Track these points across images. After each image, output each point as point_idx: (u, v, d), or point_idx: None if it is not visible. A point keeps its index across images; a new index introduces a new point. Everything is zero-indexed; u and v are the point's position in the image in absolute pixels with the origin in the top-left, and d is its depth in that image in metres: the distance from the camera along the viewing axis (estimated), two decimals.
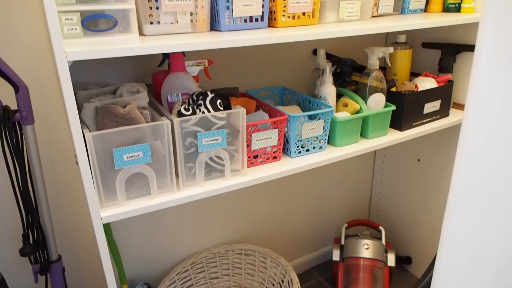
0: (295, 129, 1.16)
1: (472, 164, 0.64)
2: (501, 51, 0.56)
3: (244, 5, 1.08)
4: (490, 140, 0.61)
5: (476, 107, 0.61)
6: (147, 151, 0.94)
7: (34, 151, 1.09)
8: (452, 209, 0.69)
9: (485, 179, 0.64)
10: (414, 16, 1.44)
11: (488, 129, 0.61)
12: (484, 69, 0.59)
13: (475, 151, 0.63)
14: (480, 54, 0.58)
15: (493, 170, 0.62)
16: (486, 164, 0.63)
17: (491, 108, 0.59)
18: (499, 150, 0.60)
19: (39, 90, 1.22)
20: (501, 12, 0.55)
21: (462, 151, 0.65)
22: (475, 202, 0.66)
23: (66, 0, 0.89)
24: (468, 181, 0.66)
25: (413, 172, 1.89)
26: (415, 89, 1.42)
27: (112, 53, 0.82)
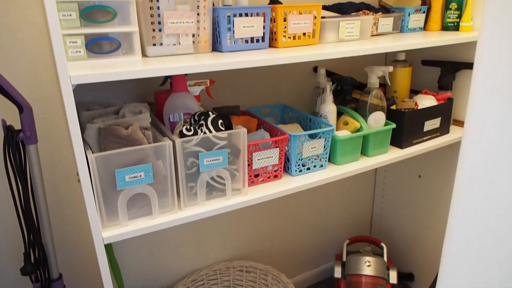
0: (296, 148, 1.17)
1: (472, 182, 0.65)
2: (499, 69, 0.57)
3: (246, 27, 1.10)
4: (490, 157, 0.62)
5: (475, 126, 0.62)
6: (149, 171, 0.95)
7: (37, 170, 1.10)
8: (453, 227, 0.69)
9: (485, 197, 0.64)
10: (413, 34, 1.46)
11: (487, 147, 0.61)
12: (483, 87, 0.59)
13: (475, 169, 0.64)
14: (478, 72, 0.59)
15: (493, 187, 0.63)
16: (486, 182, 0.63)
17: (490, 126, 0.60)
18: (498, 167, 0.61)
19: (42, 109, 1.23)
20: (498, 32, 0.55)
21: (462, 170, 0.66)
22: (476, 220, 0.66)
23: (71, 24, 0.91)
24: (468, 199, 0.66)
25: (415, 188, 1.89)
26: (415, 107, 1.43)
27: (115, 77, 0.83)
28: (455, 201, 0.69)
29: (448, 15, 1.52)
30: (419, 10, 1.52)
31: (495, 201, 0.63)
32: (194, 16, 1.04)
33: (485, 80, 0.59)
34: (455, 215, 0.69)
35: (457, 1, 1.49)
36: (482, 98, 0.60)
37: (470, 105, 0.62)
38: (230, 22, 1.08)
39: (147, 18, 0.99)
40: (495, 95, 0.59)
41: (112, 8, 0.93)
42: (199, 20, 1.05)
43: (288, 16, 1.14)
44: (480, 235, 0.66)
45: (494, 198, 0.63)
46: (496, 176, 0.62)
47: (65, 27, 0.91)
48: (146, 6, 0.98)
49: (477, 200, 0.65)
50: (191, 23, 1.04)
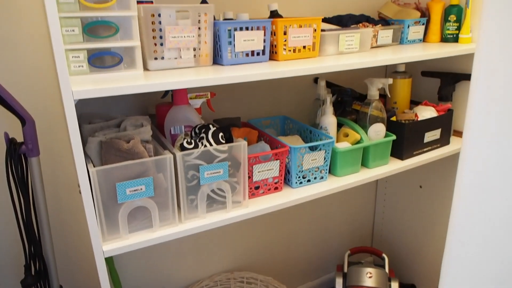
0: (296, 160, 1.18)
1: (471, 194, 0.65)
2: (496, 81, 0.57)
3: (246, 40, 1.11)
4: (488, 168, 0.62)
5: (473, 137, 0.62)
6: (150, 184, 0.95)
7: (39, 183, 1.11)
8: (452, 239, 0.69)
9: (484, 207, 0.64)
10: (413, 46, 1.47)
11: (486, 158, 0.62)
12: (480, 99, 0.60)
13: (474, 181, 0.64)
14: (476, 84, 0.59)
15: (492, 198, 0.63)
16: (485, 193, 0.64)
17: (488, 137, 0.61)
18: (497, 178, 0.61)
19: (45, 121, 1.24)
20: (495, 43, 0.56)
21: (460, 182, 0.66)
22: (475, 231, 0.66)
23: (74, 39, 0.92)
24: (467, 210, 0.66)
25: (416, 199, 1.89)
26: (415, 118, 1.43)
27: (117, 91, 0.84)
28: (454, 212, 0.69)
29: (447, 27, 1.53)
30: (418, 22, 1.54)
31: (494, 211, 0.63)
32: (195, 30, 1.05)
33: (482, 91, 0.60)
34: (454, 227, 0.69)
35: (456, 13, 1.50)
36: (480, 110, 0.61)
37: (468, 117, 0.63)
38: (231, 36, 1.09)
39: (149, 32, 1.00)
40: (493, 107, 0.59)
41: (114, 23, 0.95)
42: (200, 34, 1.06)
43: (288, 30, 1.15)
44: (479, 245, 0.67)
45: (493, 208, 0.63)
46: (494, 187, 0.62)
47: (68, 42, 0.92)
48: (148, 21, 1.00)
49: (476, 211, 0.66)
50: (192, 37, 1.05)
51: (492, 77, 0.58)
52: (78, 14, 0.91)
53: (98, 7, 0.92)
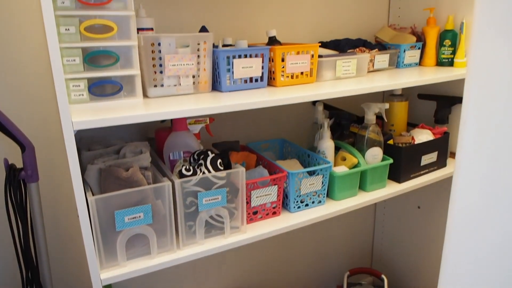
0: (294, 185, 1.18)
1: (465, 217, 0.66)
2: (487, 105, 0.58)
3: (245, 67, 1.13)
4: (481, 192, 0.63)
5: (466, 161, 0.63)
6: (148, 212, 0.96)
7: (37, 208, 1.11)
8: (447, 261, 0.70)
9: (478, 229, 0.65)
10: (409, 70, 1.49)
11: (479, 181, 0.63)
12: (472, 123, 0.61)
13: (467, 206, 0.65)
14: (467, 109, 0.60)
15: (485, 221, 0.64)
16: (478, 216, 0.64)
17: (481, 160, 0.61)
18: (490, 202, 0.62)
19: (45, 147, 1.25)
20: (485, 68, 0.57)
21: (454, 207, 0.67)
22: (469, 255, 0.67)
23: (75, 68, 0.94)
24: (461, 233, 0.67)
25: (414, 219, 1.89)
26: (412, 141, 1.44)
27: (117, 122, 0.85)
28: (449, 236, 0.70)
29: (442, 51, 1.56)
30: (414, 47, 1.56)
31: (488, 232, 0.64)
32: (194, 58, 1.07)
33: (474, 116, 0.61)
34: (448, 252, 0.70)
35: (451, 38, 1.53)
36: (472, 132, 0.62)
37: (460, 142, 0.64)
38: (230, 63, 1.10)
39: (148, 61, 1.02)
40: (485, 130, 0.60)
41: (115, 53, 0.96)
42: (199, 62, 1.08)
43: (286, 56, 1.17)
44: (474, 267, 0.67)
45: (487, 230, 0.64)
46: (487, 209, 0.63)
47: (69, 71, 0.93)
48: (148, 50, 1.01)
49: (469, 233, 0.66)
50: (191, 65, 1.07)
51: (482, 101, 0.58)
52: (79, 44, 0.92)
53: (99, 37, 0.94)
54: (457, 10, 1.55)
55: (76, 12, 0.90)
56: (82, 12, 0.91)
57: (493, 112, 0.58)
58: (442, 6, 1.59)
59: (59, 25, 0.89)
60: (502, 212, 0.61)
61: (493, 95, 0.57)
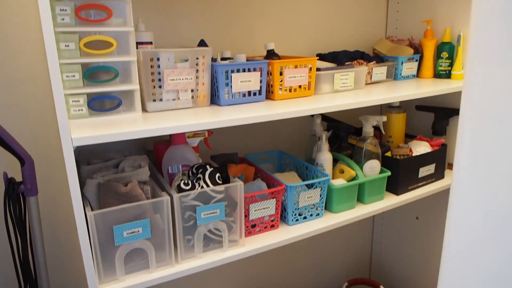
0: (293, 198, 1.19)
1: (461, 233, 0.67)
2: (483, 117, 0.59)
3: (243, 81, 1.14)
4: (479, 200, 0.63)
5: (463, 173, 0.64)
6: (147, 226, 0.96)
7: (36, 222, 1.11)
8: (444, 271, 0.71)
9: (475, 242, 0.66)
10: (407, 82, 1.51)
11: (477, 192, 0.63)
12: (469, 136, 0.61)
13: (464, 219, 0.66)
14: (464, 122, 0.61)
15: (483, 234, 0.64)
16: (475, 228, 0.65)
17: (478, 173, 0.62)
18: (488, 213, 0.63)
19: (44, 160, 1.25)
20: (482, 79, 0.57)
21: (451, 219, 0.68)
22: (468, 265, 0.67)
23: (74, 84, 0.95)
24: (460, 246, 0.68)
25: (413, 230, 1.89)
26: (409, 153, 1.45)
27: (116, 138, 0.85)
28: (447, 247, 0.70)
29: (440, 64, 1.57)
30: (411, 59, 1.58)
31: (486, 244, 0.65)
32: (193, 72, 1.08)
33: (470, 128, 0.62)
34: (447, 263, 0.71)
35: (448, 51, 1.54)
36: (469, 144, 0.63)
37: (458, 154, 0.64)
38: (228, 78, 1.11)
39: (148, 75, 1.03)
40: (482, 141, 0.61)
41: (114, 68, 0.97)
42: (198, 76, 1.09)
43: (284, 70, 1.18)
44: (473, 278, 0.67)
45: (485, 241, 0.65)
46: (486, 222, 0.64)
47: (68, 87, 0.94)
48: (147, 65, 1.02)
49: (468, 245, 0.67)
50: (190, 79, 1.08)
51: (479, 114, 0.59)
52: (79, 60, 0.93)
53: (98, 53, 0.95)
54: (454, 23, 1.56)
55: (76, 28, 0.91)
56: (82, 28, 0.92)
57: (490, 125, 0.58)
58: (439, 18, 1.61)
59: (59, 42, 0.90)
60: (500, 223, 0.62)
61: (489, 108, 0.57)
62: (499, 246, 0.62)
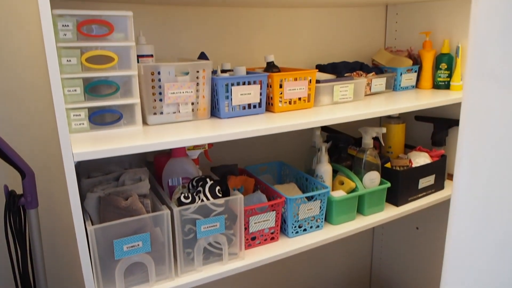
0: (292, 210, 1.19)
1: (461, 245, 0.67)
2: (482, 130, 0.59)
3: (243, 94, 1.14)
4: (478, 216, 0.64)
5: (464, 184, 0.64)
6: (147, 240, 0.96)
7: (36, 234, 1.11)
8: None
9: (475, 253, 0.66)
10: (406, 93, 1.51)
11: (477, 202, 0.63)
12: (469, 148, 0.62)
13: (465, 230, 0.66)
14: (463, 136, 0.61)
15: (482, 247, 0.65)
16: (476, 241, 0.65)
17: (478, 183, 0.62)
18: (489, 223, 0.63)
19: (44, 173, 1.26)
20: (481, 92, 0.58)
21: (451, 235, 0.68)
22: (469, 276, 0.67)
23: (76, 98, 0.95)
24: (461, 256, 0.68)
25: (413, 240, 1.89)
26: (409, 165, 1.46)
27: (117, 152, 0.86)
28: (447, 258, 0.71)
29: (438, 74, 1.58)
30: (410, 70, 1.58)
31: (486, 254, 0.65)
32: (193, 86, 1.08)
33: (470, 140, 0.62)
34: (448, 273, 0.71)
35: (447, 62, 1.55)
36: (470, 156, 0.63)
37: (458, 166, 0.65)
38: (228, 91, 1.12)
39: (148, 89, 1.04)
40: (482, 153, 0.61)
41: (115, 82, 0.98)
42: (198, 89, 1.10)
43: (284, 83, 1.19)
44: None
45: (486, 251, 0.65)
46: (487, 233, 0.64)
47: (70, 101, 0.94)
48: (148, 79, 1.03)
49: (468, 255, 0.67)
50: (190, 92, 1.08)
51: (478, 127, 0.59)
52: (81, 75, 0.94)
53: (100, 67, 0.95)
54: (452, 34, 1.57)
55: (78, 43, 0.92)
56: (83, 43, 0.93)
57: (490, 136, 0.58)
58: (438, 30, 1.62)
59: (61, 57, 0.91)
60: (501, 233, 0.62)
61: (488, 119, 0.58)
62: (501, 256, 0.63)
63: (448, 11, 1.57)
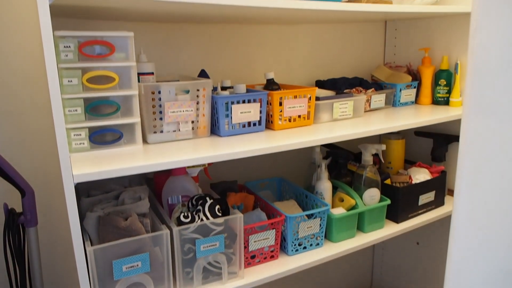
0: (292, 228, 1.19)
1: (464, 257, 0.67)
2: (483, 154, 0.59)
3: (243, 112, 1.15)
4: (481, 226, 0.64)
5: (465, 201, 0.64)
6: (146, 260, 0.96)
7: (35, 253, 1.11)
8: None
9: (478, 269, 0.65)
10: (405, 109, 1.52)
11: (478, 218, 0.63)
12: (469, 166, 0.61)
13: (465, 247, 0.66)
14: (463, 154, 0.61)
15: (485, 258, 0.64)
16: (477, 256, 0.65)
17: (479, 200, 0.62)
18: (490, 239, 0.63)
19: (44, 191, 1.26)
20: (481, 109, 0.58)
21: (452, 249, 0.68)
22: None
23: (76, 118, 0.96)
24: (462, 272, 0.68)
25: (413, 255, 1.88)
26: (409, 181, 1.45)
27: (117, 173, 0.86)
28: (449, 273, 0.70)
29: (438, 91, 1.59)
30: (410, 86, 1.59)
31: (488, 269, 0.65)
32: (193, 104, 1.09)
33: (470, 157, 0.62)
34: None
35: (446, 78, 1.56)
36: (469, 174, 0.63)
37: (458, 182, 0.65)
38: (228, 109, 1.12)
39: (149, 108, 1.04)
40: (481, 171, 0.61)
41: (116, 102, 0.98)
42: (199, 108, 1.10)
43: (283, 101, 1.19)
44: None
45: (487, 267, 0.65)
46: (488, 248, 0.64)
47: (70, 121, 0.95)
48: (148, 98, 1.03)
49: (470, 271, 0.67)
50: (190, 111, 1.09)
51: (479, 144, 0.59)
52: (81, 95, 0.94)
53: (101, 87, 0.96)
54: (451, 51, 1.58)
55: (79, 64, 0.93)
56: (85, 64, 0.93)
57: (490, 153, 0.58)
58: (437, 46, 1.63)
59: (62, 77, 0.92)
60: (501, 249, 0.62)
61: (489, 136, 0.58)
62: (502, 272, 0.62)
63: (446, 28, 1.59)
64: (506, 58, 0.45)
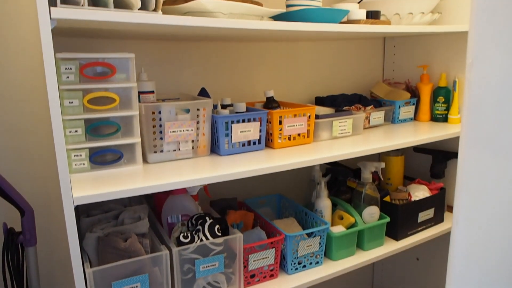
0: (292, 247, 1.18)
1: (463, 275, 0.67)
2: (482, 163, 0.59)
3: (243, 131, 1.15)
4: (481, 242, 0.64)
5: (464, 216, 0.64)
6: (145, 281, 0.95)
7: (34, 272, 1.10)
8: None
9: (479, 285, 0.65)
10: (404, 126, 1.53)
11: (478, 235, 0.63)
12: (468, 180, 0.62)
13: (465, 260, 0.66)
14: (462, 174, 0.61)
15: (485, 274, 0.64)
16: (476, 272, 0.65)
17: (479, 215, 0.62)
18: (491, 255, 0.63)
19: (44, 210, 1.26)
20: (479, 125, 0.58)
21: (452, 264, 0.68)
22: None
23: (77, 139, 0.96)
24: None
25: (413, 271, 1.88)
26: (408, 198, 1.46)
27: (117, 195, 0.86)
28: None
29: (436, 107, 1.60)
30: (408, 103, 1.60)
31: (489, 285, 0.65)
32: (194, 124, 1.09)
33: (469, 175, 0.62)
34: None
35: (444, 95, 1.57)
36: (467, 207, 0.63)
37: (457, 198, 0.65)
38: (228, 128, 1.13)
39: (149, 128, 1.05)
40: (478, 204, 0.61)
41: (117, 123, 0.99)
42: (199, 127, 1.11)
43: (283, 119, 1.20)
44: None
45: (488, 282, 0.64)
46: (489, 264, 0.64)
47: (71, 142, 0.95)
48: (148, 118, 1.04)
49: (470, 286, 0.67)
50: (191, 130, 1.09)
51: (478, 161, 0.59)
52: (82, 116, 0.95)
53: (101, 108, 0.97)
54: (449, 68, 1.60)
55: (80, 86, 0.93)
56: (86, 85, 0.94)
57: (490, 168, 0.58)
58: (435, 63, 1.64)
59: (63, 99, 0.92)
60: (503, 267, 0.62)
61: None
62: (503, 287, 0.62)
63: (445, 45, 1.60)
64: (502, 92, 0.46)
